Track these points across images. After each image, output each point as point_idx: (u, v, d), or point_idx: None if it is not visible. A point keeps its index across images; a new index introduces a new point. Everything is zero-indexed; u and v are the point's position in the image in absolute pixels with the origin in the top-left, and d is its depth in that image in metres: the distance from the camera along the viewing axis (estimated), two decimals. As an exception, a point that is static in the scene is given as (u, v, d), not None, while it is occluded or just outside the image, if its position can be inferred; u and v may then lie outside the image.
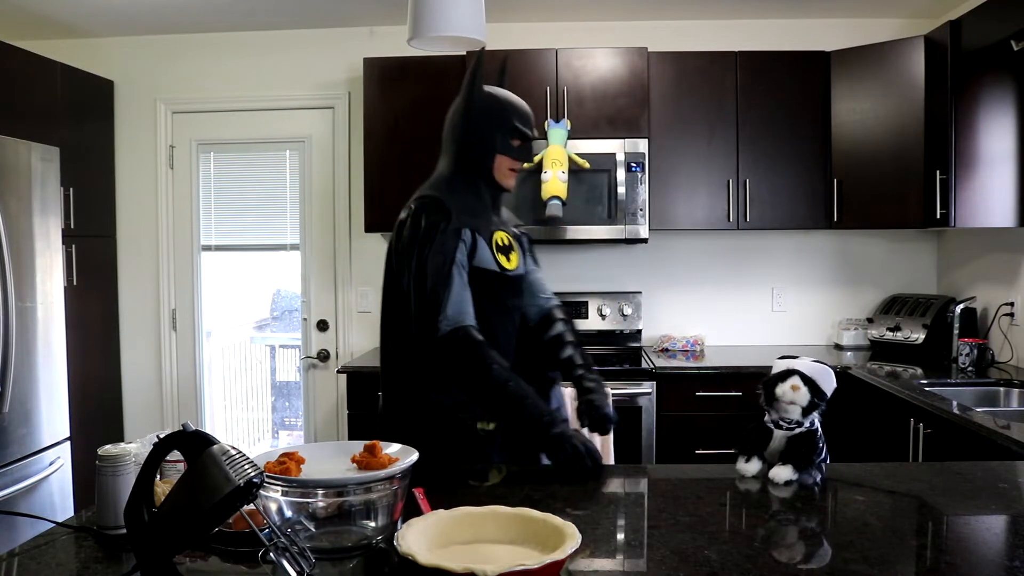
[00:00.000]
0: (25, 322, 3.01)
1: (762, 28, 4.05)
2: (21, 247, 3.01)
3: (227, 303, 4.36)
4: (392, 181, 3.76)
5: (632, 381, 3.42)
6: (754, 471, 1.71)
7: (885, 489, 1.67)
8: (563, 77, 3.67)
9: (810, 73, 3.71)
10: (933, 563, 1.30)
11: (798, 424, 1.70)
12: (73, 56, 4.04)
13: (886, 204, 3.57)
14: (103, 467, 1.42)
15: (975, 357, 3.28)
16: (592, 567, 1.28)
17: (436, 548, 1.22)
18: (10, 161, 2.96)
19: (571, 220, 3.62)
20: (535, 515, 1.28)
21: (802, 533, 1.43)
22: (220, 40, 4.21)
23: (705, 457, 3.40)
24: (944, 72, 3.27)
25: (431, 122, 3.73)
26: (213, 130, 4.25)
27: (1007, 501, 1.58)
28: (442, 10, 1.98)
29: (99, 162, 4.13)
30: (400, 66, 3.76)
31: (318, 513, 1.31)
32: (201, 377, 4.31)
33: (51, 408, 3.16)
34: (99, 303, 4.11)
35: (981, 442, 2.32)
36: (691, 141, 3.73)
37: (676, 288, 4.14)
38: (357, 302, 4.21)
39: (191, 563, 1.29)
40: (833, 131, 3.70)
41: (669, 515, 1.50)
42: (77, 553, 1.35)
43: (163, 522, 1.13)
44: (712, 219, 3.75)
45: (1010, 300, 3.39)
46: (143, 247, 4.27)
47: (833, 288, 4.12)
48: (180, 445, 1.17)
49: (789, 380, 1.70)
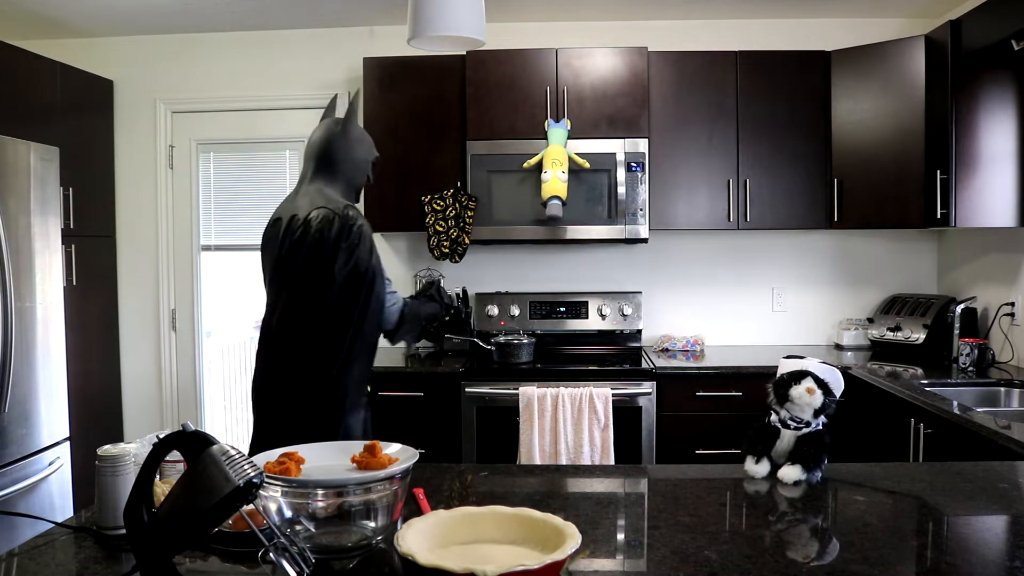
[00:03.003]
0: (24, 322, 3.01)
1: (762, 28, 4.05)
2: (20, 247, 3.00)
3: (227, 303, 4.35)
4: (392, 181, 3.76)
5: (632, 381, 3.42)
6: (764, 472, 1.72)
7: (885, 489, 1.67)
8: (563, 77, 3.67)
9: (810, 73, 3.71)
10: (933, 563, 1.30)
11: (807, 424, 1.71)
12: (73, 56, 4.04)
13: (886, 204, 3.57)
14: (103, 467, 1.42)
15: (975, 357, 3.28)
16: (592, 567, 1.28)
17: (436, 548, 1.22)
18: (10, 161, 2.96)
19: (571, 220, 3.62)
20: (535, 515, 1.28)
21: (802, 533, 1.43)
22: (220, 40, 4.21)
23: (705, 457, 3.40)
24: (944, 72, 3.27)
25: (431, 122, 3.77)
26: (213, 130, 4.25)
27: (1007, 501, 1.58)
28: (442, 10, 1.98)
29: (99, 162, 4.13)
30: (400, 66, 3.76)
31: (318, 513, 1.31)
32: (201, 377, 4.31)
33: (50, 408, 3.16)
34: (99, 303, 4.11)
35: (981, 442, 2.32)
36: (691, 141, 3.73)
37: (676, 288, 4.14)
38: (357, 302, 4.20)
39: (191, 563, 1.29)
40: (833, 131, 3.70)
41: (669, 515, 1.50)
42: (77, 553, 1.35)
43: (163, 522, 1.13)
44: (712, 219, 3.75)
45: (1011, 300, 3.39)
46: (143, 247, 4.27)
47: (833, 288, 4.12)
48: (180, 445, 1.17)
49: (804, 383, 1.71)
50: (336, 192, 2.45)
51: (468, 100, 3.68)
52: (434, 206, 3.68)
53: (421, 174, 3.77)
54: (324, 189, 2.44)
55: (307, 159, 2.52)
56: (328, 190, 2.44)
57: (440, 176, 3.75)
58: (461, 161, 3.71)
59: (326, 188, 2.44)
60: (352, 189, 2.54)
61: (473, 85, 3.68)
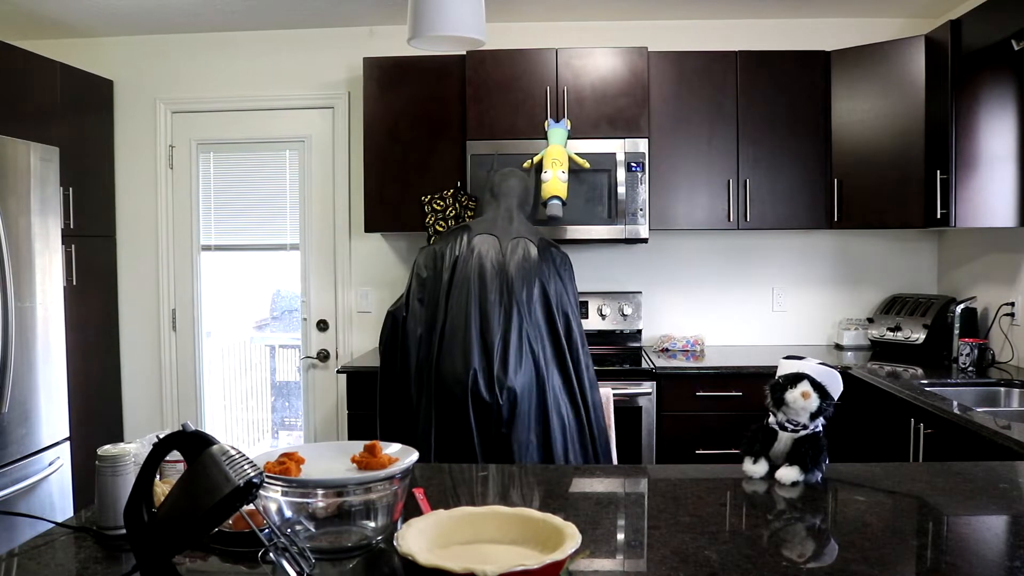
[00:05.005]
0: (25, 322, 3.01)
1: (762, 28, 4.05)
2: (20, 247, 3.00)
3: (227, 303, 4.36)
4: (392, 181, 3.77)
5: (632, 381, 3.42)
6: (762, 473, 1.72)
7: (885, 489, 1.67)
8: (563, 77, 3.67)
9: (810, 73, 3.71)
10: (933, 563, 1.30)
11: (804, 427, 1.70)
12: (73, 56, 4.04)
13: (886, 204, 3.57)
14: (103, 467, 1.41)
15: (975, 357, 3.28)
16: (592, 567, 1.28)
17: (436, 548, 1.22)
18: (10, 161, 2.96)
19: (571, 220, 3.62)
20: (535, 515, 1.28)
21: (802, 533, 1.43)
22: (220, 40, 4.21)
23: (705, 457, 3.40)
24: (944, 72, 3.26)
25: (431, 122, 3.78)
26: (213, 130, 4.25)
27: (1007, 501, 1.58)
28: (442, 10, 1.98)
29: (99, 162, 4.13)
30: (400, 66, 3.76)
31: (318, 513, 1.31)
32: (201, 377, 4.31)
33: (50, 408, 3.16)
34: (99, 303, 4.11)
35: (982, 442, 2.32)
36: (691, 141, 3.73)
37: (676, 288, 4.14)
38: (357, 302, 4.21)
39: (191, 563, 1.29)
40: (833, 131, 3.70)
41: (669, 515, 1.50)
42: (77, 553, 1.35)
43: (163, 522, 1.13)
44: (712, 219, 3.75)
45: (1010, 300, 3.39)
46: (143, 247, 4.27)
47: (833, 288, 4.12)
48: (180, 445, 1.17)
49: (799, 387, 1.70)
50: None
51: (468, 100, 3.68)
52: (434, 206, 3.68)
53: (421, 174, 3.77)
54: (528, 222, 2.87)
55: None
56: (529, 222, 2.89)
57: (440, 176, 3.75)
58: (461, 161, 3.71)
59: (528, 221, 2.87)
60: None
61: (473, 85, 3.68)
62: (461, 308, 2.54)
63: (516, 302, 2.52)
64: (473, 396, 2.44)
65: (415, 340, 2.57)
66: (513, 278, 2.56)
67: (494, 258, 2.61)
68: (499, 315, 2.51)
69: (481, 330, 2.50)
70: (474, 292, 2.56)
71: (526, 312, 2.52)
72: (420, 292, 2.64)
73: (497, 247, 2.64)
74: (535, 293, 2.55)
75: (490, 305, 2.52)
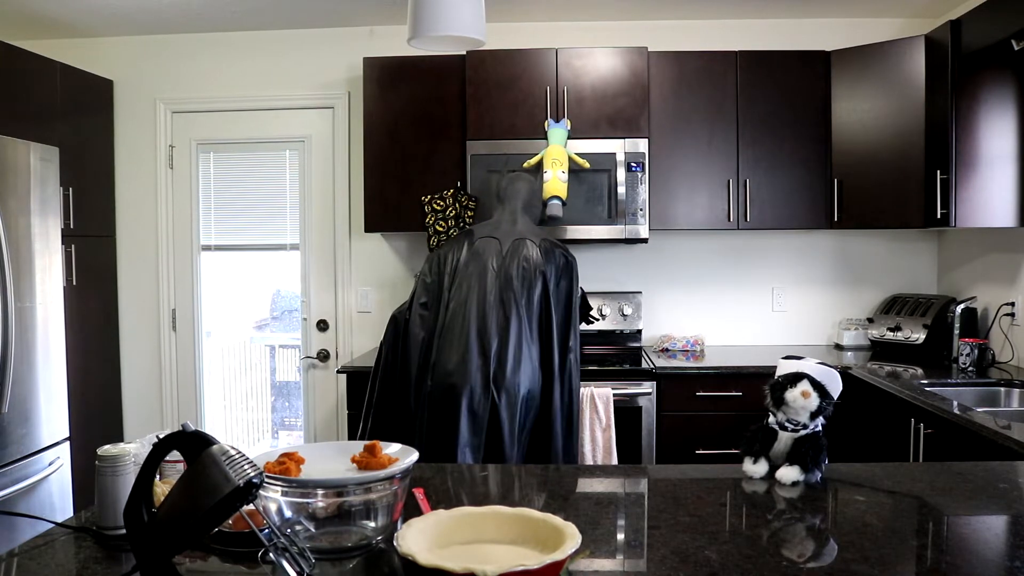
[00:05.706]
0: (24, 322, 3.01)
1: (762, 28, 4.05)
2: (20, 247, 3.00)
3: (227, 303, 4.36)
4: (392, 181, 3.77)
5: (632, 381, 3.42)
6: (762, 473, 1.72)
7: (885, 489, 1.67)
8: (563, 77, 3.67)
9: (810, 73, 3.71)
10: (933, 563, 1.30)
11: (804, 426, 1.71)
12: (73, 56, 4.04)
13: (886, 204, 3.56)
14: (103, 467, 1.41)
15: (976, 357, 3.28)
16: (592, 567, 1.28)
17: (436, 548, 1.22)
18: (9, 161, 2.96)
19: (571, 220, 3.62)
20: (535, 515, 1.28)
21: (802, 533, 1.43)
22: (220, 40, 4.21)
23: (705, 457, 3.40)
24: (944, 72, 3.26)
25: (431, 122, 3.77)
26: (213, 130, 4.25)
27: (1007, 501, 1.58)
28: (442, 10, 1.98)
29: (99, 162, 4.13)
30: (400, 66, 3.76)
31: (318, 513, 1.31)
32: (201, 377, 4.31)
33: (50, 408, 3.16)
34: (99, 303, 4.11)
35: (982, 442, 2.32)
36: (691, 141, 3.73)
37: (676, 288, 4.14)
38: (357, 302, 4.21)
39: (191, 563, 1.29)
40: (833, 131, 3.70)
41: (669, 515, 1.50)
42: (77, 553, 1.34)
43: (163, 522, 1.12)
44: (712, 219, 3.75)
45: (1011, 300, 3.39)
46: (143, 247, 4.27)
47: (833, 288, 4.12)
48: (180, 445, 1.17)
49: (799, 386, 1.71)
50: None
51: (468, 100, 3.68)
52: (434, 206, 3.68)
53: (421, 174, 3.77)
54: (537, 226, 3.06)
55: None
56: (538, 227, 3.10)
57: (440, 176, 3.75)
58: (461, 161, 3.71)
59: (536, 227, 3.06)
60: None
61: (473, 85, 3.68)
62: (460, 309, 2.55)
63: (515, 303, 2.52)
64: (468, 395, 2.44)
65: (416, 343, 2.58)
66: (513, 279, 2.56)
67: (495, 260, 2.62)
68: (498, 316, 2.51)
69: (479, 330, 2.51)
70: (474, 293, 2.56)
71: (524, 313, 2.52)
72: (423, 296, 2.66)
73: (498, 249, 2.65)
74: (535, 294, 2.55)
75: (489, 306, 2.53)
